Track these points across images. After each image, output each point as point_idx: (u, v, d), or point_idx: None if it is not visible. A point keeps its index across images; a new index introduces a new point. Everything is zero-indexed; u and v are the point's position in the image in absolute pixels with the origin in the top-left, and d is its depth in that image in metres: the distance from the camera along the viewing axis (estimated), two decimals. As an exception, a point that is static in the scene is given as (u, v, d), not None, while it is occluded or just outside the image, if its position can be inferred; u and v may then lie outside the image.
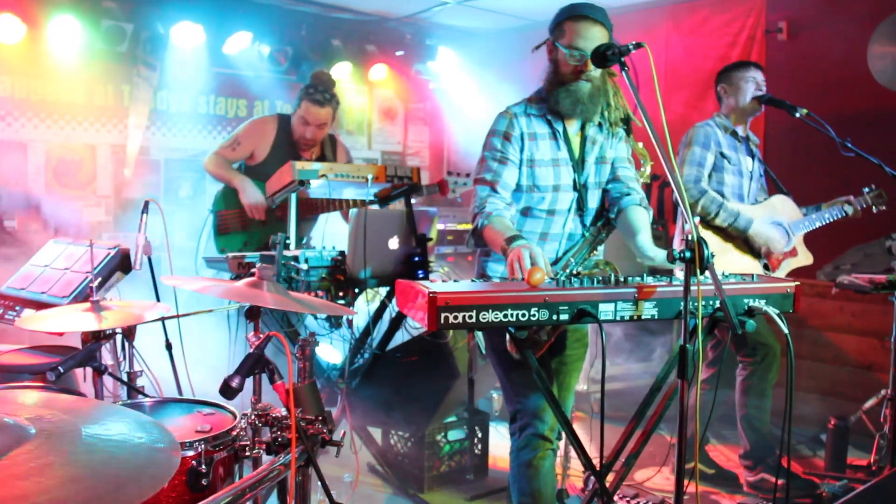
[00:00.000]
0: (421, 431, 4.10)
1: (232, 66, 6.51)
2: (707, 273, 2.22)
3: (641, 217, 2.94)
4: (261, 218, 4.34)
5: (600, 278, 2.47)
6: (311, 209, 4.36)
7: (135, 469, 1.30)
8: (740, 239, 4.12)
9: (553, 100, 2.90)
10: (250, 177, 4.43)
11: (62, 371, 2.33)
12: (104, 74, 6.09)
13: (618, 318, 2.43)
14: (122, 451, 1.35)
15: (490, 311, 2.21)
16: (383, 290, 3.93)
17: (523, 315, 2.25)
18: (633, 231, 2.87)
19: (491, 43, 7.40)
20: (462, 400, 4.17)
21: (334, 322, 3.71)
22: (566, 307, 2.32)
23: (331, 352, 4.29)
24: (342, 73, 6.91)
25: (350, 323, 3.79)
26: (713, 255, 2.19)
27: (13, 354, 2.82)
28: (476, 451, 4.29)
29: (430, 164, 8.08)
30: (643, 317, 2.47)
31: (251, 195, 4.32)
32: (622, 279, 2.50)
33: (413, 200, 3.84)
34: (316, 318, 3.78)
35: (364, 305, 3.95)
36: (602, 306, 2.39)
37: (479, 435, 4.31)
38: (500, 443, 4.58)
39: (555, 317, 2.31)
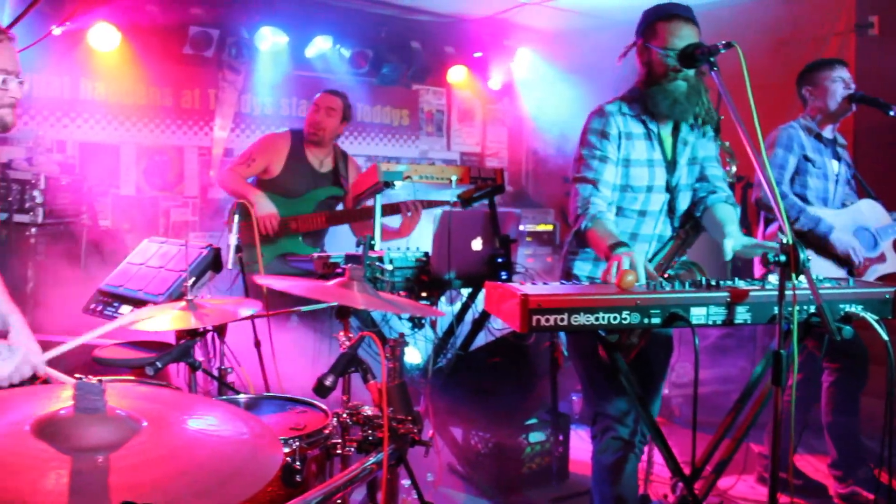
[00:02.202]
0: (501, 433, 4.09)
1: (313, 69, 6.62)
2: (802, 277, 2.16)
3: (728, 212, 2.89)
4: (272, 231, 4.32)
5: (691, 281, 2.44)
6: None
7: (239, 464, 1.32)
8: (821, 245, 3.97)
9: (650, 101, 2.86)
10: (264, 190, 4.45)
11: (160, 366, 2.40)
12: (191, 78, 6.27)
13: (710, 322, 2.39)
14: (226, 446, 1.38)
15: (581, 313, 2.19)
16: (465, 292, 3.94)
17: (614, 318, 2.23)
18: (721, 223, 2.81)
19: (569, 43, 7.34)
20: (544, 402, 4.15)
21: (417, 322, 3.73)
22: (658, 311, 2.30)
23: (411, 352, 4.32)
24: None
25: (433, 323, 3.81)
26: (809, 259, 2.14)
27: (112, 349, 2.92)
28: (556, 454, 4.26)
29: (509, 164, 8.06)
30: (735, 321, 2.42)
31: (265, 208, 4.30)
32: (714, 282, 2.45)
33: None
34: (400, 317, 3.81)
35: (447, 306, 3.97)
36: (694, 310, 2.35)
37: (560, 438, 4.28)
38: (580, 446, 4.54)
39: (646, 320, 2.28)
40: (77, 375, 1.29)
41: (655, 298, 2.30)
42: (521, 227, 6.25)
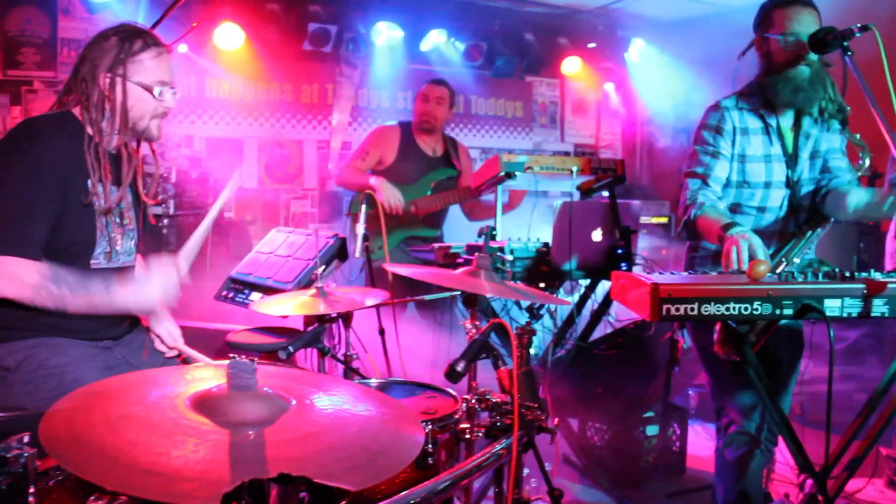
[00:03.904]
0: (619, 425, 4.06)
1: (428, 62, 6.71)
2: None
3: (853, 187, 2.82)
4: (398, 213, 4.45)
5: (825, 272, 2.36)
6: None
7: (384, 443, 1.37)
8: None
9: (771, 90, 2.79)
10: None
11: (292, 350, 2.50)
12: (310, 74, 6.46)
13: (844, 315, 2.30)
14: (371, 425, 1.43)
15: (712, 303, 2.16)
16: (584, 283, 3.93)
17: (745, 309, 2.19)
18: (842, 193, 2.76)
19: (684, 31, 7.17)
20: (661, 395, 4.10)
21: (535, 312, 3.74)
22: (790, 302, 2.23)
23: (528, 341, 4.32)
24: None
25: (552, 314, 3.81)
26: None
27: (244, 334, 3.05)
28: (674, 448, 4.20)
29: (623, 156, 7.96)
30: (872, 314, 2.32)
31: (388, 191, 4.44)
32: (849, 274, 2.37)
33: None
34: (520, 307, 3.83)
35: (566, 296, 3.97)
36: (828, 302, 2.27)
37: (678, 432, 4.21)
38: (697, 441, 4.46)
39: (778, 311, 2.22)
40: (231, 355, 1.37)
41: (788, 289, 2.23)
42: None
